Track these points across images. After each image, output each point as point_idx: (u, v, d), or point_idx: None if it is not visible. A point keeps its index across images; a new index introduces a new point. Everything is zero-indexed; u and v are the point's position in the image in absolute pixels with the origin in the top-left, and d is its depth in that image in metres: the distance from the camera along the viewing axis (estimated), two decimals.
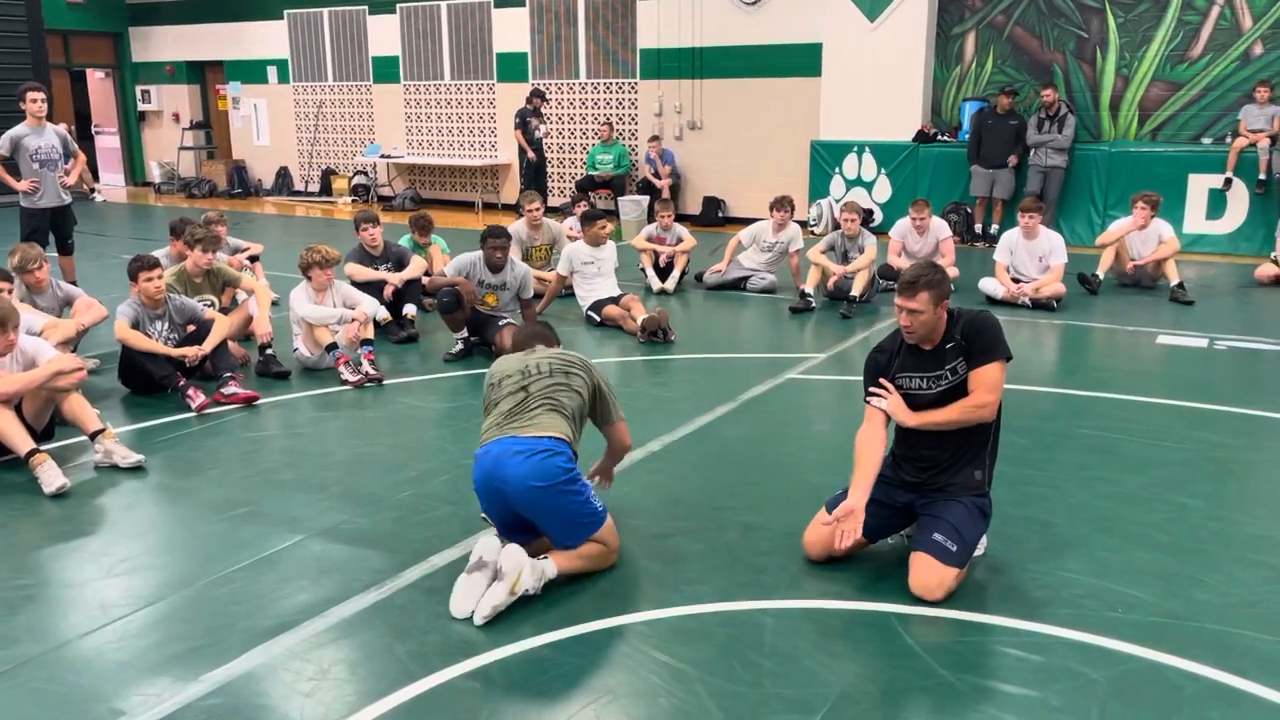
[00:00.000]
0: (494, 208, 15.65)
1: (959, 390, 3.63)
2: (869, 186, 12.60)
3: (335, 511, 4.35)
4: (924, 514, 3.69)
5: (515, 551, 3.48)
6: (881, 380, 3.76)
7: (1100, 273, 8.91)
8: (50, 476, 4.58)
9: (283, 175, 18.00)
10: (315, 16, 16.98)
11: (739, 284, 9.21)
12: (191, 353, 5.98)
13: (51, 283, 6.43)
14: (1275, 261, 9.30)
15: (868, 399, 3.78)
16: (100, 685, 3.09)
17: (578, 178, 14.55)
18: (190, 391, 5.77)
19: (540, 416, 3.68)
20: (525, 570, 3.46)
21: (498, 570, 3.45)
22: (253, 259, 8.51)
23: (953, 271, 8.23)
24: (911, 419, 3.66)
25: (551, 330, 4.34)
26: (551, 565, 3.57)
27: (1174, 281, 8.67)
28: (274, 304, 7.45)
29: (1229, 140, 10.91)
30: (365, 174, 16.86)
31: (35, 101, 8.10)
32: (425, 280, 7.93)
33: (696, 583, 3.68)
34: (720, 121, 13.87)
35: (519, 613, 3.44)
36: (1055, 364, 7.04)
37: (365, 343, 6.45)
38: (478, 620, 3.36)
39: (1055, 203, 11.40)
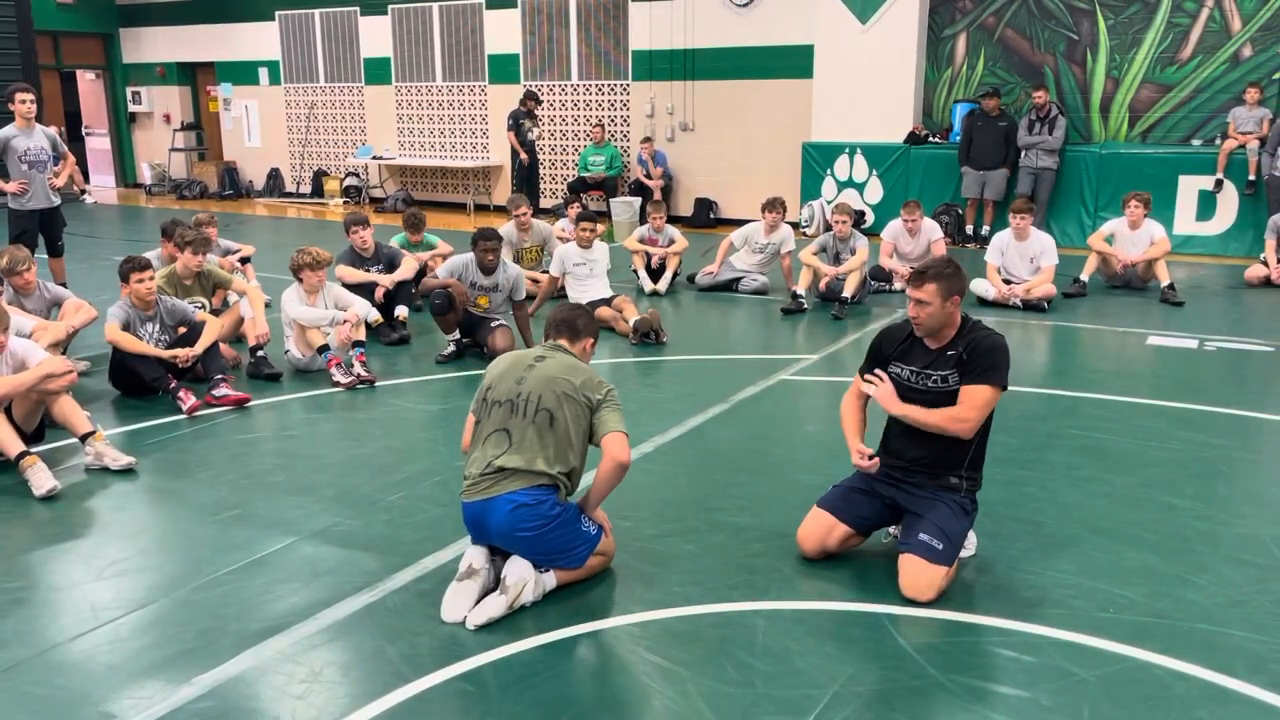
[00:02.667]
0: (486, 209, 15.64)
1: (946, 399, 3.64)
2: (860, 188, 12.63)
3: (327, 514, 4.34)
4: (908, 512, 3.72)
5: (521, 566, 3.48)
6: (878, 371, 3.79)
7: (1084, 276, 8.95)
8: (40, 479, 4.57)
9: (274, 177, 17.96)
10: (306, 18, 16.95)
11: (731, 285, 9.23)
12: (183, 354, 5.97)
13: (39, 284, 6.40)
14: (1264, 263, 9.34)
15: (864, 375, 3.84)
16: (90, 689, 3.08)
17: (570, 179, 14.55)
18: (181, 393, 5.76)
19: (520, 466, 3.47)
20: (528, 586, 3.47)
21: (502, 584, 3.46)
22: (244, 261, 8.50)
23: None
24: (895, 407, 3.70)
25: (586, 319, 3.83)
26: (552, 578, 3.58)
27: (1165, 282, 8.71)
28: (265, 306, 7.43)
29: (1218, 142, 10.96)
30: (357, 175, 16.83)
31: (24, 103, 8.06)
32: (425, 277, 7.92)
33: (688, 584, 3.68)
34: (712, 123, 13.88)
35: (511, 615, 3.44)
36: (1046, 365, 7.06)
37: (357, 344, 6.44)
38: (470, 626, 3.36)
39: (1046, 204, 11.44)
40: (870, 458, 3.74)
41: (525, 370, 3.61)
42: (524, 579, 3.46)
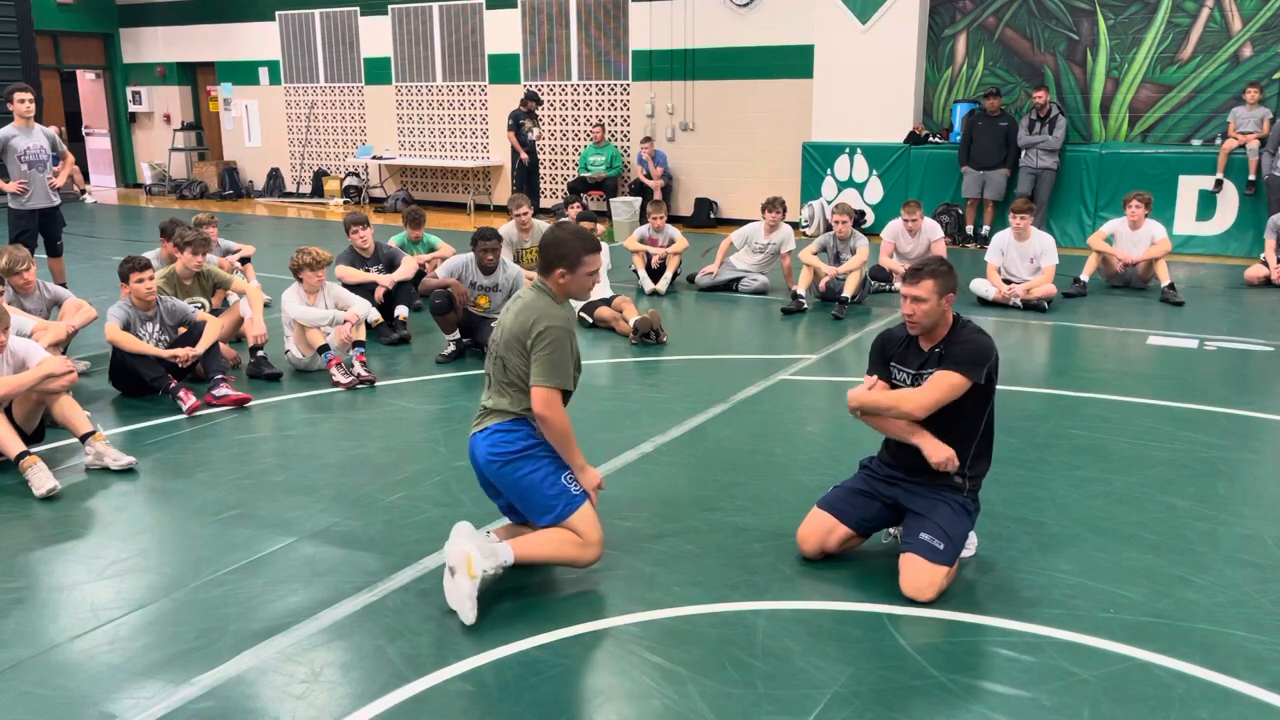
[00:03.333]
0: (486, 209, 15.64)
1: None
2: (861, 188, 12.63)
3: (327, 514, 4.34)
4: (909, 511, 3.72)
5: (458, 540, 3.44)
6: (872, 376, 3.86)
7: (1085, 276, 8.95)
8: (40, 479, 4.57)
9: (274, 177, 17.96)
10: (307, 18, 16.95)
11: (731, 285, 9.23)
12: (184, 354, 5.97)
13: (38, 284, 6.40)
14: (1264, 262, 9.34)
15: (869, 375, 3.88)
16: (91, 689, 3.08)
17: (570, 179, 14.55)
18: (181, 393, 5.76)
19: (496, 406, 3.69)
20: (472, 555, 3.38)
21: (451, 568, 3.45)
22: (244, 261, 8.50)
23: None
24: (855, 401, 3.79)
25: (560, 246, 3.59)
26: (507, 549, 3.49)
27: (1165, 282, 8.71)
28: (265, 306, 7.44)
29: (1219, 142, 10.96)
30: (357, 175, 16.84)
31: (23, 102, 8.05)
32: (425, 277, 7.93)
33: (688, 584, 3.68)
34: (712, 123, 13.88)
35: (511, 615, 3.44)
36: (1046, 365, 7.06)
37: (357, 344, 6.44)
38: (467, 620, 3.36)
39: (1046, 204, 11.44)
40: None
41: (503, 315, 3.79)
42: (463, 550, 3.39)
